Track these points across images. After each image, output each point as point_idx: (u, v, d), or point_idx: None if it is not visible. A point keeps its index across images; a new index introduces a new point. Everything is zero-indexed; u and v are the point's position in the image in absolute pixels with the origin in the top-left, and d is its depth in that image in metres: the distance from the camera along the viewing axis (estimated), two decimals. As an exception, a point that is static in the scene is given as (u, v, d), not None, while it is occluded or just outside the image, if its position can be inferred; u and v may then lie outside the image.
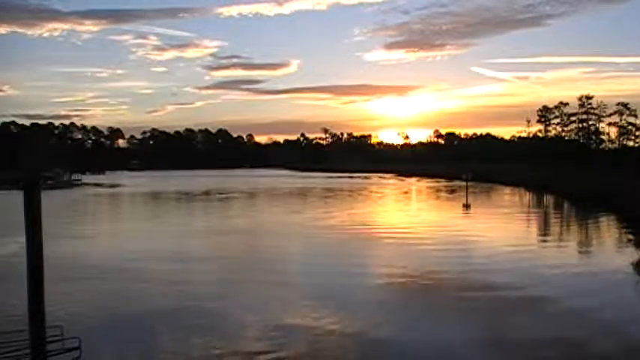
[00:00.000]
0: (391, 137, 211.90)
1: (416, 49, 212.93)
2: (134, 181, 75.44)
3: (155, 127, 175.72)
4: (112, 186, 65.56)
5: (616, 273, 13.83)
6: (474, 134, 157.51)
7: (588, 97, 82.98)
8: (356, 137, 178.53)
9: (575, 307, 10.66)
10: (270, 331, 9.22)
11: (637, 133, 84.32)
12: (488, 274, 13.55)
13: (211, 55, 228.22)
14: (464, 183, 42.56)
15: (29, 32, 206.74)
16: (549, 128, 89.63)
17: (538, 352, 8.38)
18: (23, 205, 8.36)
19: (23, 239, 8.32)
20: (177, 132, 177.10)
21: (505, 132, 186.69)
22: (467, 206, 32.98)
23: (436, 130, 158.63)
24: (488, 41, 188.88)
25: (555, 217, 29.90)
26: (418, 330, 9.50)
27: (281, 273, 14.24)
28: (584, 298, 11.42)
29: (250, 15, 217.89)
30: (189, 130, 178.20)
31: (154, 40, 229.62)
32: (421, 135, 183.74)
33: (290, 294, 11.87)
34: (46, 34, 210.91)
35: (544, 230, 23.37)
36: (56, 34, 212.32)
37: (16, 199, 12.50)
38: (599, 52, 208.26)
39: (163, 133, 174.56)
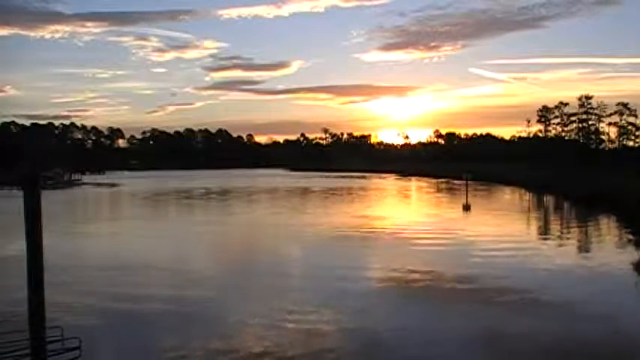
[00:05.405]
0: (391, 137, 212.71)
1: (413, 51, 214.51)
2: (134, 181, 75.43)
3: (155, 127, 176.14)
4: (112, 185, 65.61)
5: (616, 273, 13.82)
6: (474, 134, 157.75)
7: (588, 97, 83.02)
8: (356, 137, 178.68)
9: (574, 307, 10.67)
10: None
11: (637, 133, 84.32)
12: (490, 275, 13.55)
13: (211, 56, 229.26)
14: (464, 183, 42.57)
15: (31, 34, 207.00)
16: (549, 128, 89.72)
17: (531, 350, 8.39)
18: (23, 206, 8.37)
19: (24, 240, 8.35)
20: (177, 132, 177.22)
21: (505, 132, 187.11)
22: (467, 207, 32.95)
23: (436, 130, 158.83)
24: (485, 43, 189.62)
25: (555, 218, 29.88)
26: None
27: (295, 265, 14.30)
28: (584, 298, 11.42)
29: (249, 17, 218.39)
30: (189, 130, 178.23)
31: (154, 42, 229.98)
32: (421, 135, 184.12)
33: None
34: (47, 36, 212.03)
35: (544, 231, 23.35)
36: (58, 35, 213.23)
37: (16, 199, 12.49)
38: (596, 53, 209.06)
39: (163, 133, 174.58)
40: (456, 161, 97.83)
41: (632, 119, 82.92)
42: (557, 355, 8.32)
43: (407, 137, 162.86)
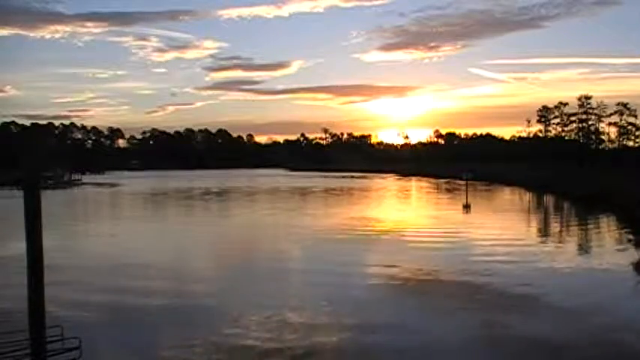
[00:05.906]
0: (391, 137, 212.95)
1: (413, 51, 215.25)
2: (134, 182, 75.41)
3: (155, 127, 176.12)
4: (112, 185, 65.63)
5: (616, 273, 13.83)
6: (474, 134, 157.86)
7: (587, 97, 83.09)
8: (356, 137, 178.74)
9: (573, 308, 10.68)
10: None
11: (637, 133, 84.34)
12: (488, 276, 13.55)
13: (211, 56, 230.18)
14: (464, 183, 42.57)
15: (31, 34, 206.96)
16: (549, 128, 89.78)
17: (528, 351, 8.41)
18: (23, 206, 8.37)
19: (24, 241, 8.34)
20: (177, 132, 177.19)
21: (505, 132, 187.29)
22: (467, 207, 32.95)
23: (436, 130, 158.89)
24: (484, 43, 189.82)
25: (555, 218, 29.89)
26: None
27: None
28: (583, 298, 11.42)
29: (249, 17, 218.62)
30: (189, 130, 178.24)
31: (154, 42, 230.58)
32: (421, 135, 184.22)
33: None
34: (48, 36, 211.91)
35: (544, 231, 23.35)
36: (58, 35, 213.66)
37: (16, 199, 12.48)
38: (596, 53, 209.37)
39: (163, 133, 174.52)
40: (456, 161, 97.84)
41: (632, 119, 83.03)
42: (550, 354, 8.34)
43: (407, 137, 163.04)
